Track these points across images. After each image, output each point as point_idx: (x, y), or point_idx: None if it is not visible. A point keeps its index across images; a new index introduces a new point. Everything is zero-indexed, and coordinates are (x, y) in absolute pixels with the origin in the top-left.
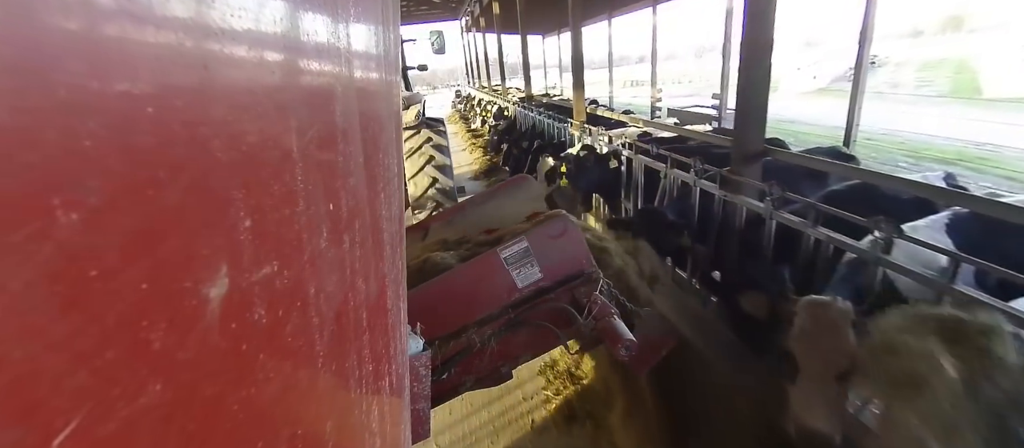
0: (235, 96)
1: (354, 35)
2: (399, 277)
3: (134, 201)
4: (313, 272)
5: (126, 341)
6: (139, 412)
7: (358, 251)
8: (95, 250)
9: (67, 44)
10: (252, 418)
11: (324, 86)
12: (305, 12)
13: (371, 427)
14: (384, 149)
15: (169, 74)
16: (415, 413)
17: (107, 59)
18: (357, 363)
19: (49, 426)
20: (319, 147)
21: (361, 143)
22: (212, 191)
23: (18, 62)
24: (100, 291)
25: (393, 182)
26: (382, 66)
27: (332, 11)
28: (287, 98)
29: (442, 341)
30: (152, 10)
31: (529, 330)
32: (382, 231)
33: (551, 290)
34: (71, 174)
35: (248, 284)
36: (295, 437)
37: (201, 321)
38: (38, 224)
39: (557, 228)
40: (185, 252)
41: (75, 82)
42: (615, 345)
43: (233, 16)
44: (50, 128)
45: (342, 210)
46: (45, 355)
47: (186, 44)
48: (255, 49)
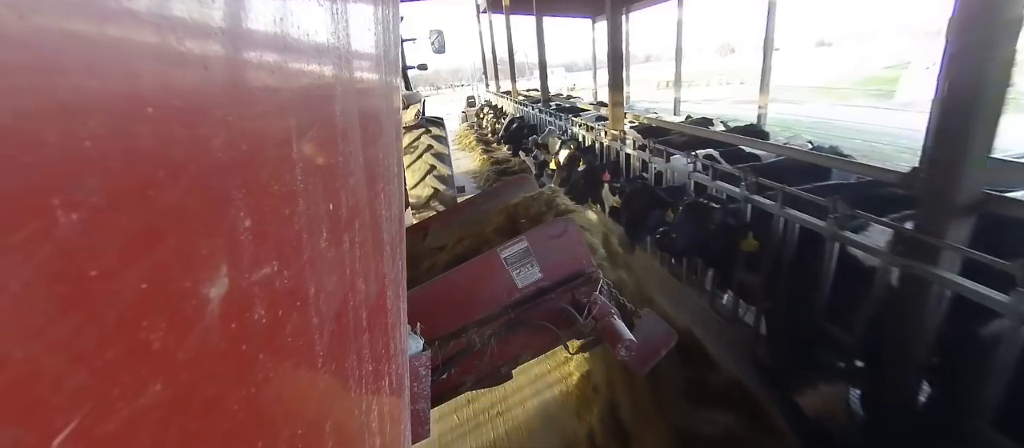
0: (235, 96)
1: (354, 35)
2: (399, 277)
3: (134, 201)
4: (313, 272)
5: (126, 341)
6: (139, 412)
7: (358, 251)
8: (95, 250)
9: (67, 44)
10: (252, 418)
11: (324, 86)
12: (305, 12)
13: (371, 427)
14: (384, 149)
15: (169, 74)
16: (415, 413)
17: (107, 59)
18: (357, 363)
19: (49, 426)
20: (319, 147)
21: (361, 143)
22: (212, 191)
23: (18, 62)
24: (100, 291)
25: (393, 182)
26: (382, 66)
27: (332, 11)
28: (287, 98)
29: (442, 341)
30: (152, 10)
31: (529, 330)
32: (382, 231)
33: (551, 290)
34: (71, 174)
35: (248, 284)
36: (295, 437)
37: (201, 321)
38: (38, 224)
39: (557, 228)
40: (185, 252)
41: (75, 82)
42: (615, 345)
43: (233, 16)
44: (50, 128)
45: (342, 210)
46: (45, 355)
47: (186, 44)
48: (255, 49)
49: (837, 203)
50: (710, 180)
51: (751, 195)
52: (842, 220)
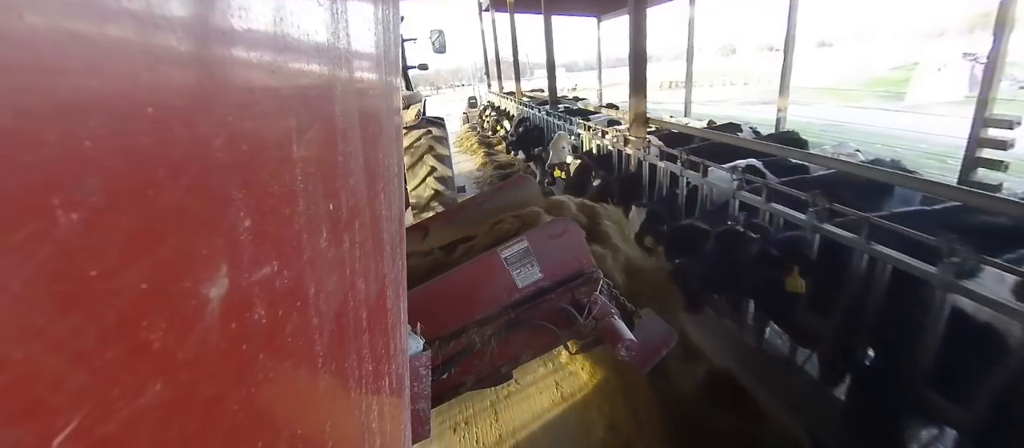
0: (235, 96)
1: (354, 34)
2: (399, 277)
3: (134, 201)
4: (313, 272)
5: (126, 341)
6: (139, 412)
7: (358, 251)
8: (95, 250)
9: (67, 44)
10: (252, 418)
11: (324, 86)
12: (305, 12)
13: (371, 427)
14: (384, 149)
15: (169, 74)
16: (415, 413)
17: (107, 59)
18: (357, 363)
19: (49, 426)
20: (319, 147)
21: (361, 143)
22: (212, 191)
23: (18, 62)
24: (100, 291)
25: (393, 182)
26: (382, 66)
27: (332, 11)
28: (287, 98)
29: (442, 341)
30: (152, 10)
31: (529, 330)
32: (382, 231)
33: (551, 290)
34: (71, 174)
35: (248, 284)
36: (295, 437)
37: (201, 321)
38: (38, 224)
39: (557, 228)
40: (185, 252)
41: (75, 82)
42: (615, 345)
43: (233, 16)
44: (50, 128)
45: (342, 210)
46: (45, 355)
47: (186, 44)
48: (255, 49)
49: (953, 245)
50: (763, 202)
51: (821, 224)
52: (961, 267)
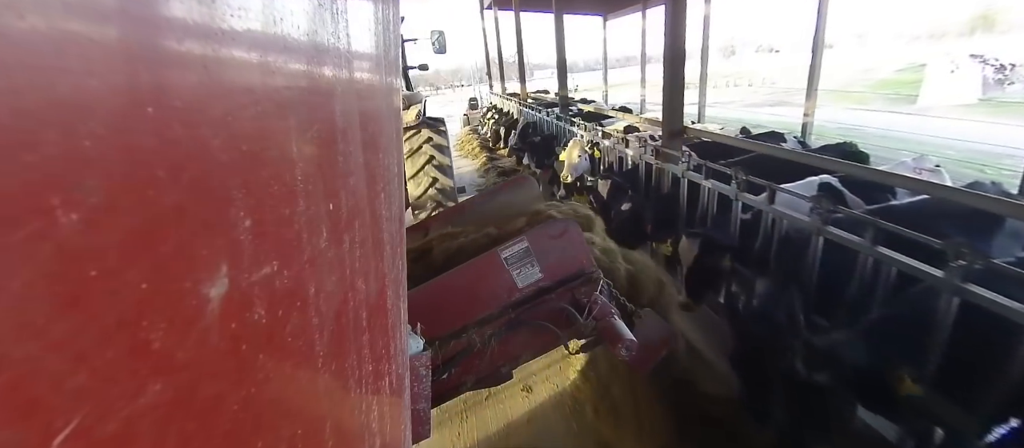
0: (235, 96)
1: (354, 35)
2: (399, 277)
3: (134, 201)
4: (313, 272)
5: (126, 341)
6: (139, 412)
7: (358, 251)
8: (95, 250)
9: (67, 44)
10: (252, 418)
11: (324, 86)
12: (305, 12)
13: (371, 427)
14: (384, 149)
15: (169, 74)
16: (415, 413)
17: (107, 59)
18: (357, 363)
19: (49, 426)
20: (319, 147)
21: (361, 143)
22: (212, 191)
23: (18, 62)
24: (100, 291)
25: (393, 182)
26: (382, 66)
27: (332, 11)
28: (287, 98)
29: (442, 341)
30: (152, 10)
31: (529, 330)
32: (382, 231)
33: (551, 290)
34: (71, 174)
35: (248, 284)
36: (295, 437)
37: (201, 321)
38: (38, 224)
39: (557, 228)
40: (185, 252)
41: (75, 82)
42: (615, 345)
43: (233, 16)
44: (50, 128)
45: (342, 210)
46: (45, 355)
47: (186, 44)
48: (255, 49)
49: None
50: (869, 246)
51: (963, 284)
52: None
